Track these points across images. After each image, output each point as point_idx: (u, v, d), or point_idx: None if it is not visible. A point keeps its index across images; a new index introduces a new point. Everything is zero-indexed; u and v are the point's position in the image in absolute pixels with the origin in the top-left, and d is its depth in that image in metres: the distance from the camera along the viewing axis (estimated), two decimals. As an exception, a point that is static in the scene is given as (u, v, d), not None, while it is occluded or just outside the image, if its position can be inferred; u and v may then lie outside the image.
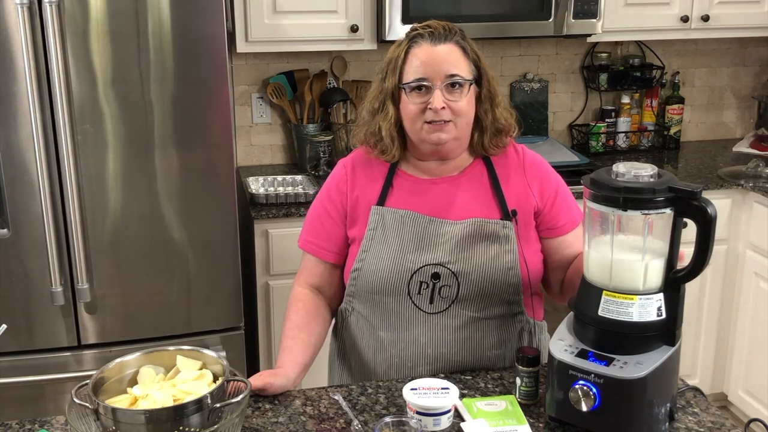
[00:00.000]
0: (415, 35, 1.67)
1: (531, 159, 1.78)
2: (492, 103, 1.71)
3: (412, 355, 1.70)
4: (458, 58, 1.65)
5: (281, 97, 3.20)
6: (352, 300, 1.77)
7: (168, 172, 2.40)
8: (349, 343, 1.80)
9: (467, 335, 1.69)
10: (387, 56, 1.71)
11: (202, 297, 2.53)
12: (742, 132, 3.77)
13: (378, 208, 1.72)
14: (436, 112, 1.62)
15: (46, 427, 1.49)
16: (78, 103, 2.29)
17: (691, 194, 1.33)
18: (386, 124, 1.69)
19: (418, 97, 1.64)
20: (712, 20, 3.17)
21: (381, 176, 1.75)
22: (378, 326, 1.73)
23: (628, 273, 1.38)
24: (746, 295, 3.05)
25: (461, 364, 1.70)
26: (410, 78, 1.64)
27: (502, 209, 1.71)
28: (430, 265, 1.67)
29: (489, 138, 1.72)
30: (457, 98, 1.64)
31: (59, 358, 2.48)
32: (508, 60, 3.41)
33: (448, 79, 1.63)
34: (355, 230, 1.75)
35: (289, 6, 2.84)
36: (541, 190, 1.74)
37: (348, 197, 1.76)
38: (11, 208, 2.33)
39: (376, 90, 1.73)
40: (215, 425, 1.30)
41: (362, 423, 1.47)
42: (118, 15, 2.26)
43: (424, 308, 1.69)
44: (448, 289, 1.67)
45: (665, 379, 1.39)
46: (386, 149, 1.72)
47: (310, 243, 1.81)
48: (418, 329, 1.69)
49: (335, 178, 1.80)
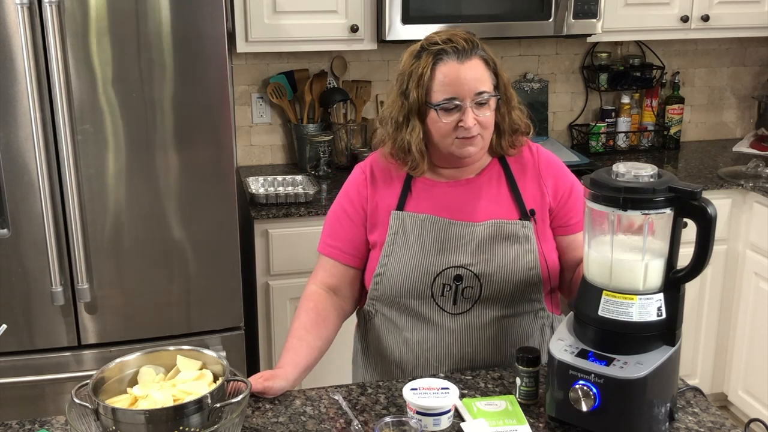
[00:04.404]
0: (440, 51, 1.65)
1: (546, 158, 1.80)
2: (509, 106, 1.73)
3: (439, 355, 1.73)
4: (483, 73, 1.66)
5: (281, 97, 3.20)
6: (376, 303, 1.78)
7: (168, 172, 2.40)
8: (374, 342, 1.82)
9: (492, 334, 1.72)
10: (405, 67, 1.70)
11: (202, 297, 2.53)
12: (742, 132, 3.77)
13: (398, 213, 1.74)
14: (468, 130, 1.64)
15: (46, 427, 1.49)
16: (78, 103, 2.29)
17: (691, 194, 1.33)
18: (415, 140, 1.70)
19: (448, 115, 1.65)
20: (712, 20, 3.17)
21: (399, 180, 1.77)
22: (403, 327, 1.76)
23: (628, 273, 1.38)
24: (746, 295, 3.05)
25: (487, 361, 1.73)
26: (440, 98, 1.65)
27: (521, 209, 1.73)
28: (452, 268, 1.69)
29: (506, 140, 1.75)
30: (484, 113, 1.66)
31: (59, 358, 2.48)
32: (508, 60, 3.41)
33: (477, 97, 1.64)
34: (375, 235, 1.76)
35: (289, 6, 2.84)
36: (555, 188, 1.76)
37: (368, 201, 1.78)
38: (11, 208, 2.33)
39: (398, 103, 1.72)
40: (215, 425, 1.30)
41: (362, 423, 1.47)
42: (118, 15, 2.26)
43: (447, 309, 1.71)
44: (471, 291, 1.70)
45: (665, 379, 1.39)
46: (416, 165, 1.73)
47: (330, 246, 1.81)
48: (443, 329, 1.72)
49: (355, 183, 1.81)
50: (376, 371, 1.84)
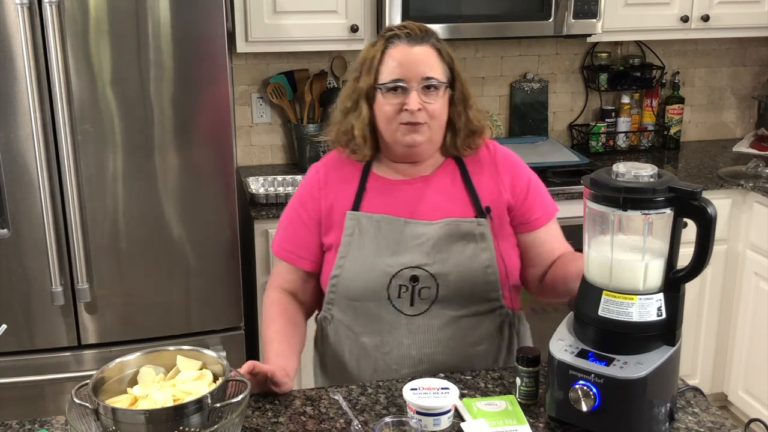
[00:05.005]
0: (392, 36, 1.66)
1: (502, 154, 1.78)
2: (465, 105, 1.71)
3: (397, 358, 1.70)
4: (434, 61, 1.65)
5: (281, 97, 3.20)
6: (332, 308, 1.75)
7: (168, 172, 2.40)
8: (331, 352, 1.79)
9: (449, 334, 1.70)
10: (361, 56, 1.70)
11: (202, 297, 2.53)
12: (742, 132, 3.77)
13: (353, 213, 1.71)
14: (412, 114, 1.62)
15: (46, 427, 1.49)
16: (78, 103, 2.29)
17: (691, 194, 1.33)
18: (359, 124, 1.69)
19: (394, 98, 1.64)
20: (712, 20, 3.17)
21: (354, 179, 1.74)
22: (360, 332, 1.72)
23: (628, 273, 1.38)
24: (746, 295, 3.05)
25: (445, 363, 1.70)
26: (386, 78, 1.64)
27: (476, 207, 1.71)
28: (408, 268, 1.67)
29: (462, 139, 1.72)
30: (432, 100, 1.64)
31: (59, 358, 2.48)
32: (508, 60, 3.41)
33: (424, 81, 1.63)
34: (331, 237, 1.73)
35: (289, 6, 2.84)
36: (512, 185, 1.74)
37: (321, 204, 1.75)
38: (11, 208, 2.33)
39: (350, 89, 1.72)
40: (215, 425, 1.30)
41: (362, 423, 1.47)
42: (118, 15, 2.26)
43: (405, 311, 1.68)
44: (428, 291, 1.67)
45: (665, 379, 1.39)
46: (358, 149, 1.72)
47: (285, 250, 1.79)
48: (401, 332, 1.69)
49: (308, 185, 1.79)
50: (334, 382, 1.79)
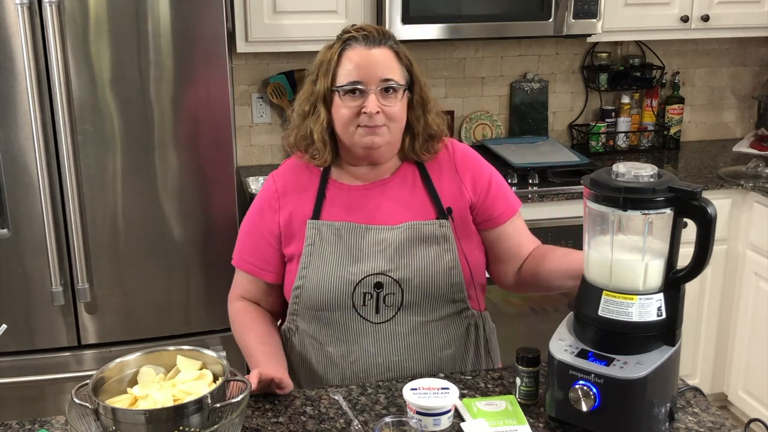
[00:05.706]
0: (349, 38, 1.64)
1: (461, 153, 1.77)
2: (424, 109, 1.70)
3: (364, 366, 1.69)
4: (392, 63, 1.64)
5: (281, 97, 3.20)
6: (296, 318, 1.73)
7: (168, 172, 2.40)
8: (297, 362, 1.76)
9: (416, 340, 1.69)
10: (318, 58, 1.68)
11: (202, 297, 2.53)
12: (742, 132, 3.77)
13: (313, 222, 1.69)
14: (370, 117, 1.61)
15: (46, 427, 1.49)
16: (78, 103, 2.29)
17: (691, 194, 1.33)
18: (318, 128, 1.66)
19: (351, 100, 1.62)
20: (712, 20, 3.17)
21: (312, 187, 1.72)
22: (325, 342, 1.71)
23: (628, 273, 1.38)
24: (746, 295, 3.05)
25: (412, 369, 1.69)
26: (344, 81, 1.62)
27: (437, 208, 1.70)
28: (371, 275, 1.65)
29: (421, 143, 1.71)
30: (391, 103, 1.63)
31: (59, 358, 2.48)
32: (508, 60, 3.41)
33: (382, 84, 1.62)
34: (291, 247, 1.71)
35: (289, 6, 2.84)
36: (473, 183, 1.73)
37: (280, 215, 1.72)
38: (11, 208, 2.33)
39: (307, 92, 1.69)
40: (215, 425, 1.30)
41: (362, 423, 1.47)
42: (118, 15, 2.26)
43: (370, 319, 1.67)
44: (393, 297, 1.66)
45: (665, 379, 1.39)
46: (318, 153, 1.69)
47: (245, 262, 1.77)
48: (367, 340, 1.68)
49: (265, 196, 1.75)
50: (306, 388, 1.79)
